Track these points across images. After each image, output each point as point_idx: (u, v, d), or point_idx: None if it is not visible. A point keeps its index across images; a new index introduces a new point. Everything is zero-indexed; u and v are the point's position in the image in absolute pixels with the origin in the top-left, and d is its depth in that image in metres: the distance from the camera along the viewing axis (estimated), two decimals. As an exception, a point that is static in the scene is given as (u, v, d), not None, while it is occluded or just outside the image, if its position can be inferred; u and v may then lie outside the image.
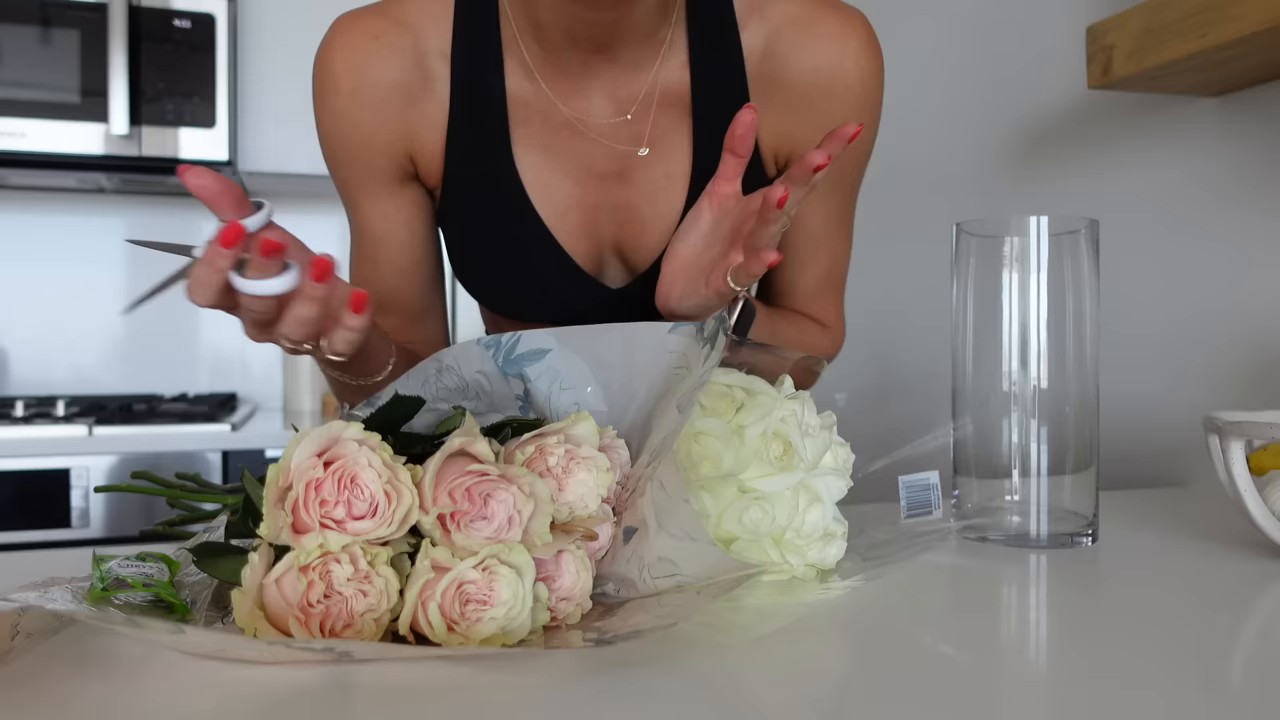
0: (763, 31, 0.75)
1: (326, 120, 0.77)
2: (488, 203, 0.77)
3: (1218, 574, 0.56)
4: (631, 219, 0.77)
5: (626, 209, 0.77)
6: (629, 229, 0.77)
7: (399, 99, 0.75)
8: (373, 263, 0.81)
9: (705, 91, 0.76)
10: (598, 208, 0.77)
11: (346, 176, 0.79)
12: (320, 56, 0.76)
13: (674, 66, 0.76)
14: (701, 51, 0.75)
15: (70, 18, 1.77)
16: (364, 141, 0.76)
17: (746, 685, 0.38)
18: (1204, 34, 0.86)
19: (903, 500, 0.63)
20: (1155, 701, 0.37)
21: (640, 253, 0.78)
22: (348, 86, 0.75)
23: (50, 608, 0.39)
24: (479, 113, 0.76)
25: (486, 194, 0.77)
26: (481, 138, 0.76)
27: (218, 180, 0.50)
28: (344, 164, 0.78)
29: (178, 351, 2.22)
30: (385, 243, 0.81)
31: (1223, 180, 1.03)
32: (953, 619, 0.48)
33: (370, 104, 0.75)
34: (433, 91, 0.76)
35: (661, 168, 0.76)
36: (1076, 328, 0.62)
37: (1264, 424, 0.57)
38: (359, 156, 0.77)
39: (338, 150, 0.78)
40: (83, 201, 2.16)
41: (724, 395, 0.54)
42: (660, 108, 0.76)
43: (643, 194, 0.77)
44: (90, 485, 1.62)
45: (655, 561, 0.47)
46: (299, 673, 0.39)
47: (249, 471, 0.46)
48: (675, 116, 0.76)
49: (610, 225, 0.78)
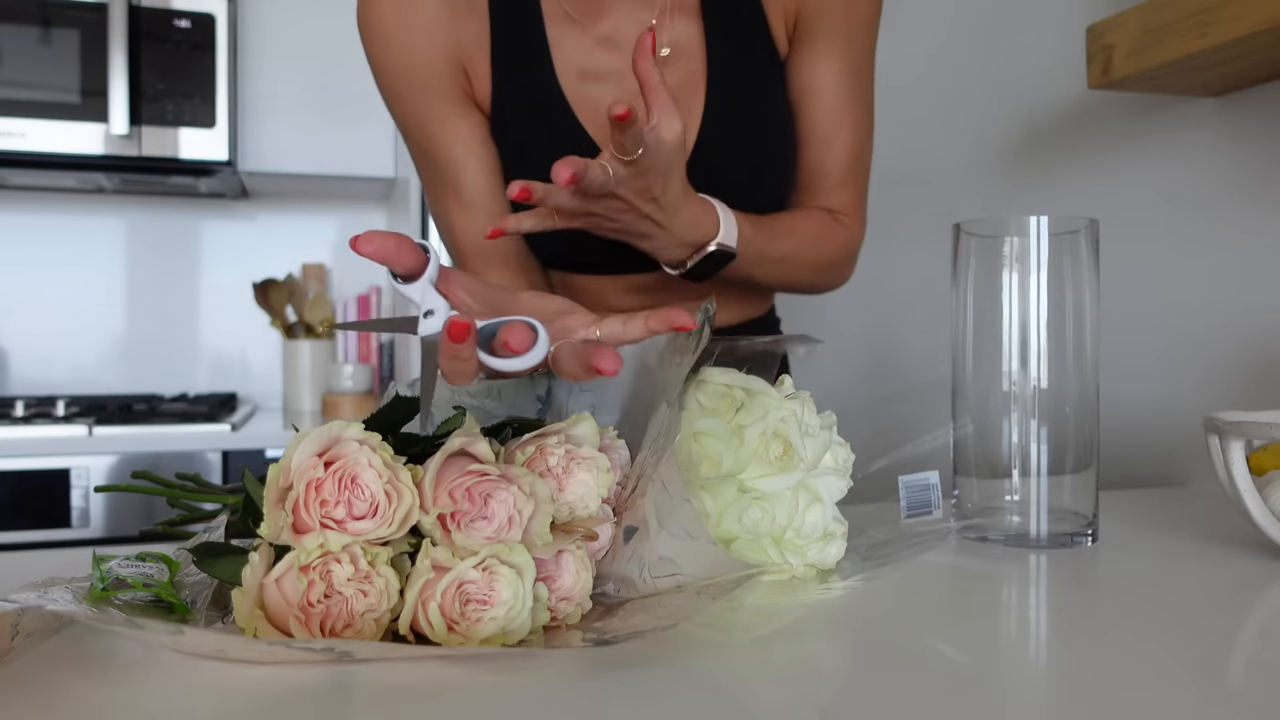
0: None
1: (379, 53, 0.78)
2: (536, 122, 0.79)
3: (1218, 574, 0.56)
4: None
5: None
6: None
7: (445, 16, 0.78)
8: (470, 211, 0.81)
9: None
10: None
11: (415, 109, 0.80)
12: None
13: None
14: None
15: (70, 18, 1.77)
16: (424, 65, 0.78)
17: (746, 685, 0.38)
18: (1204, 34, 0.85)
19: (903, 500, 0.63)
20: (1155, 701, 0.37)
21: None
22: (392, 14, 0.76)
23: (50, 608, 0.39)
24: (518, 31, 0.78)
25: (534, 113, 0.79)
26: (524, 56, 0.78)
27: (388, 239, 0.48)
28: (408, 96, 0.79)
29: (178, 351, 2.22)
30: (475, 180, 0.81)
31: (1222, 180, 1.03)
32: (953, 619, 0.48)
33: (419, 25, 0.77)
34: (475, 13, 0.78)
35: (684, 63, 0.80)
36: (1076, 328, 0.62)
37: (1264, 424, 0.57)
38: (421, 81, 0.78)
39: (398, 83, 0.79)
40: (83, 201, 2.16)
41: (724, 395, 0.54)
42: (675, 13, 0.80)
43: (675, 92, 0.78)
44: (90, 485, 1.62)
45: (656, 561, 0.47)
46: (299, 673, 0.39)
47: (249, 471, 0.46)
48: (687, 7, 0.80)
49: None
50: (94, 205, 2.16)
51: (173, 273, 2.22)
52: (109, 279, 2.18)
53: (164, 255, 2.21)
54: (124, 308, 2.19)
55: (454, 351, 0.47)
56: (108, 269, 2.17)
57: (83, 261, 2.16)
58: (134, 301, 2.19)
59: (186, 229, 2.22)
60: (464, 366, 0.48)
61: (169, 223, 2.21)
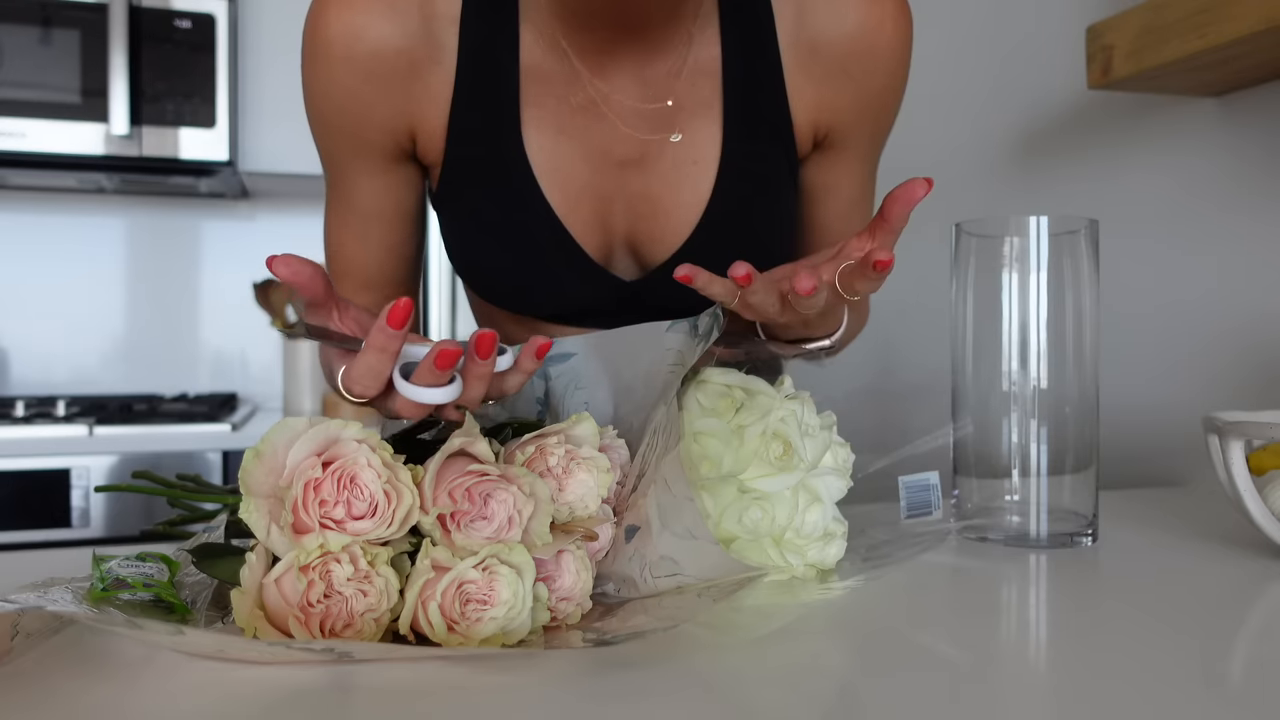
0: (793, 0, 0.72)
1: (318, 85, 0.70)
2: (492, 188, 0.72)
3: (1218, 574, 0.56)
4: (651, 210, 0.73)
5: (645, 199, 0.73)
6: (646, 221, 0.73)
7: (402, 69, 0.68)
8: (362, 237, 0.76)
9: (738, 67, 0.72)
10: (612, 198, 0.73)
11: (336, 149, 0.73)
12: (314, 12, 0.68)
13: (703, 42, 0.72)
14: (732, 24, 0.72)
15: (70, 18, 1.77)
16: (360, 115, 0.70)
17: (746, 685, 0.38)
18: (1204, 34, 0.85)
19: (903, 500, 0.63)
20: (1155, 701, 0.37)
21: (656, 245, 0.74)
22: (342, 51, 0.67)
23: (50, 608, 0.39)
24: (488, 88, 0.70)
25: (491, 178, 0.72)
26: (489, 116, 0.70)
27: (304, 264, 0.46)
28: (334, 136, 0.72)
29: (178, 351, 2.22)
30: (375, 219, 0.76)
31: (1222, 180, 1.03)
32: (953, 619, 0.48)
33: (369, 73, 0.68)
34: (439, 61, 0.69)
35: (689, 152, 0.72)
36: (1076, 328, 0.62)
37: (1264, 424, 0.57)
38: (354, 131, 0.71)
39: (329, 119, 0.71)
40: (83, 201, 2.16)
41: (724, 395, 0.54)
42: (688, 89, 0.71)
43: (666, 181, 0.72)
44: (90, 485, 1.62)
45: (657, 560, 0.47)
46: (299, 673, 0.39)
47: (249, 471, 0.46)
48: (705, 97, 0.72)
49: (625, 217, 0.73)
50: (94, 205, 2.16)
51: (173, 273, 2.22)
52: (109, 279, 2.17)
53: (164, 255, 2.21)
54: (124, 308, 2.19)
55: (386, 338, 0.45)
56: (108, 269, 2.17)
57: (83, 261, 2.16)
58: (134, 301, 2.19)
59: (186, 229, 2.22)
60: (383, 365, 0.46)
61: (169, 223, 2.21)
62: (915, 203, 0.52)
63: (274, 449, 0.42)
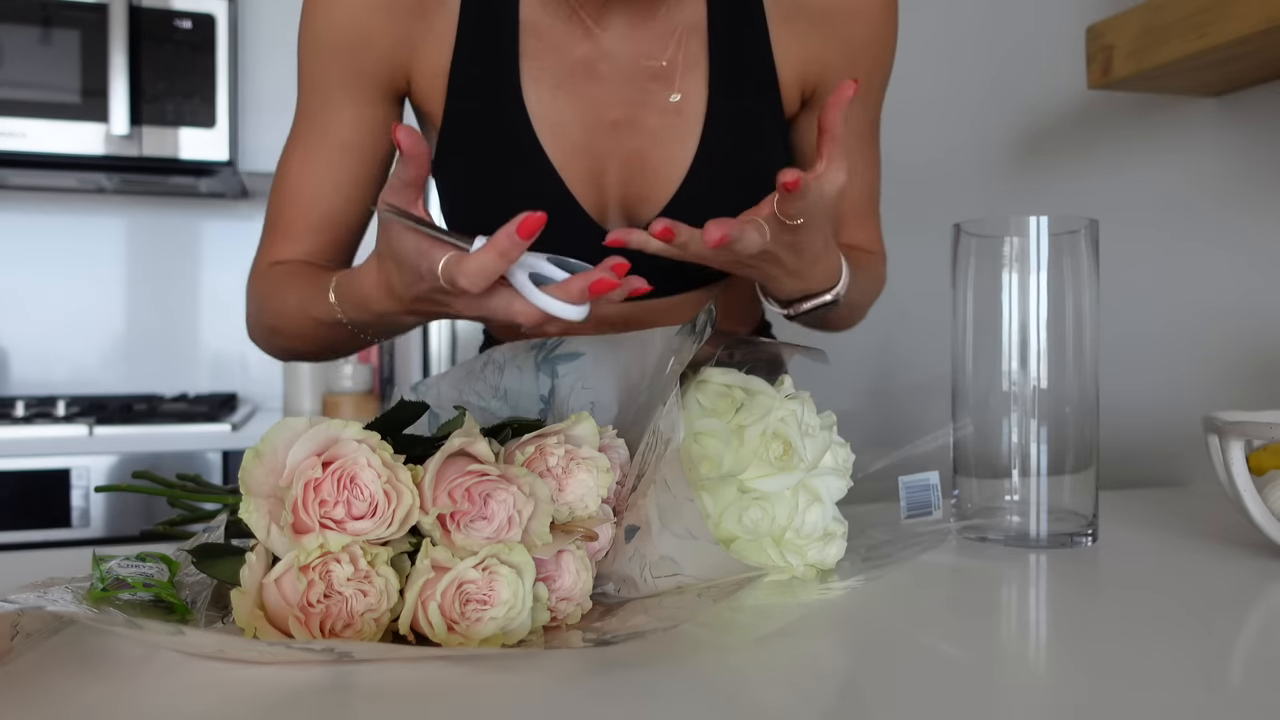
0: None
1: (323, 5, 0.71)
2: (492, 140, 0.72)
3: (1218, 574, 0.56)
4: (642, 168, 0.73)
5: (637, 157, 0.73)
6: (638, 180, 0.74)
7: (409, 4, 0.70)
8: (333, 167, 0.75)
9: (723, 24, 0.73)
10: (606, 157, 0.73)
11: (327, 74, 0.73)
12: None
13: (692, 1, 0.73)
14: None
15: (70, 18, 1.77)
16: (361, 40, 0.70)
17: (747, 685, 0.38)
18: (1204, 34, 0.85)
19: (903, 500, 0.63)
20: (1155, 701, 0.37)
21: (647, 204, 0.74)
22: None
23: (50, 608, 0.39)
24: (488, 40, 0.71)
25: (491, 130, 0.72)
26: (489, 68, 0.71)
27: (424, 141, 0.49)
28: (329, 60, 0.72)
29: (178, 351, 2.22)
30: (352, 150, 0.75)
31: (1222, 180, 1.03)
32: (953, 619, 0.48)
33: (374, 4, 0.70)
34: (443, 4, 0.71)
35: (679, 110, 0.73)
36: (1076, 328, 0.62)
37: (1264, 424, 0.57)
38: (351, 56, 0.71)
39: (329, 41, 0.71)
40: (83, 201, 2.16)
41: (724, 395, 0.54)
42: (679, 48, 0.72)
43: (655, 138, 0.73)
44: (90, 485, 1.62)
45: (657, 560, 0.47)
46: (299, 673, 0.39)
47: (249, 471, 0.46)
48: (692, 54, 0.73)
49: (619, 176, 0.74)
50: (94, 205, 2.16)
51: (173, 273, 2.22)
52: (109, 279, 2.17)
53: (164, 255, 2.21)
54: (124, 308, 2.19)
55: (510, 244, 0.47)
56: (108, 269, 2.17)
57: (83, 261, 2.15)
58: (134, 301, 2.19)
59: (186, 229, 2.22)
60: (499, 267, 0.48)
61: (169, 223, 2.21)
62: (845, 103, 0.54)
63: (274, 449, 0.42)
